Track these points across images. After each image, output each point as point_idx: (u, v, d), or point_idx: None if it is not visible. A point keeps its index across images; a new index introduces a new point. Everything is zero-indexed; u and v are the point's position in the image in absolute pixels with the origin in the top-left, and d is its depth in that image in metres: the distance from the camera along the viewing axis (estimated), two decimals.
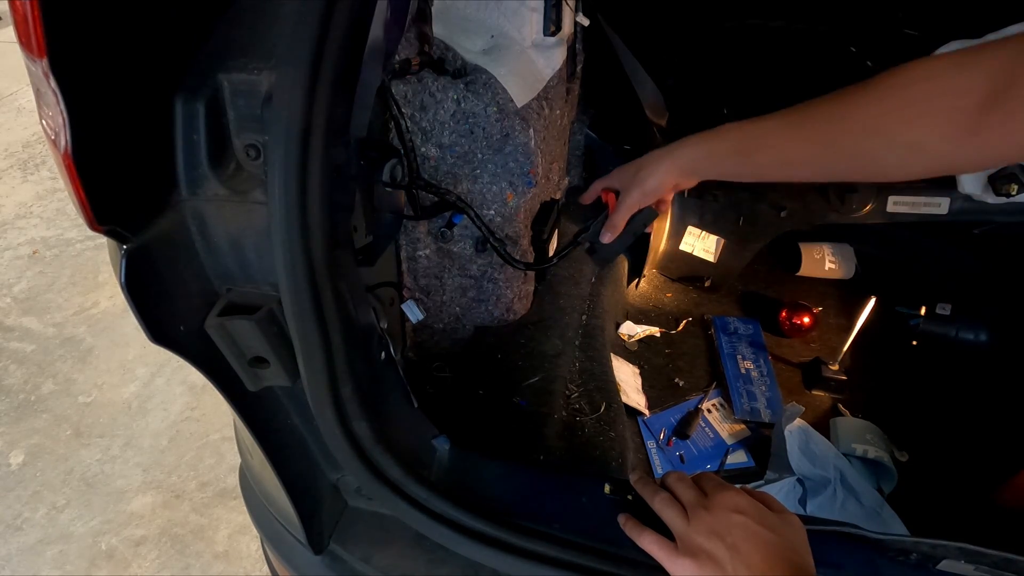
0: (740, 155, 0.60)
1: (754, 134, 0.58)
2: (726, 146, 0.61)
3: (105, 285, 2.12)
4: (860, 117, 0.49)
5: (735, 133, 0.60)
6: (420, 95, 0.88)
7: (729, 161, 0.61)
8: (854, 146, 0.51)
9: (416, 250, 0.99)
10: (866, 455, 0.99)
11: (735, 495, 0.52)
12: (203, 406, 1.74)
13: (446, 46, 0.89)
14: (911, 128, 0.46)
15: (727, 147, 0.61)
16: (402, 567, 0.61)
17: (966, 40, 1.21)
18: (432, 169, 0.94)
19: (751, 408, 1.09)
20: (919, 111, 0.46)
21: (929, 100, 0.45)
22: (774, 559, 0.47)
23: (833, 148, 0.52)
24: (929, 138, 0.46)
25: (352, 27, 0.41)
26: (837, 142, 0.52)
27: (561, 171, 1.34)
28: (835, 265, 1.33)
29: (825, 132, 0.52)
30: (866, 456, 0.99)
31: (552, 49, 1.04)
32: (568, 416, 0.98)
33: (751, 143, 0.58)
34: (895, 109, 0.47)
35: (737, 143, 0.60)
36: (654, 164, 0.68)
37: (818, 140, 0.53)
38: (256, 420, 0.54)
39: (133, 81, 0.40)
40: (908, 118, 0.46)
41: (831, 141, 0.52)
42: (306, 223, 0.42)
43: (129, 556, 1.43)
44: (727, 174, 0.63)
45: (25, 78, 2.58)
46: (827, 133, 0.52)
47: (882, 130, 0.48)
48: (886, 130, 0.48)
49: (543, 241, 1.14)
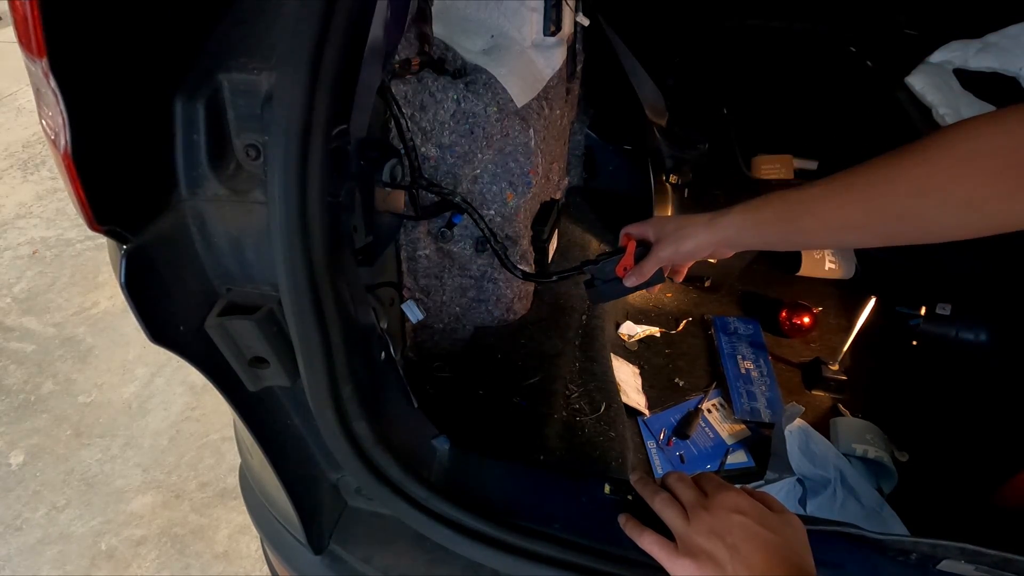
0: (784, 222, 0.58)
1: (799, 200, 0.57)
2: (769, 214, 0.59)
3: (105, 285, 2.12)
4: (909, 178, 0.48)
5: (778, 202, 0.59)
6: (420, 95, 0.88)
7: (773, 228, 0.60)
8: (904, 207, 0.49)
9: (416, 250, 0.99)
10: (866, 455, 0.99)
11: (735, 495, 0.52)
12: (203, 406, 1.74)
13: (446, 46, 0.89)
14: (962, 185, 0.45)
15: (771, 215, 0.59)
16: (402, 567, 0.61)
17: (966, 40, 1.22)
18: (432, 169, 0.94)
19: (751, 408, 1.09)
20: (971, 169, 0.45)
21: (979, 157, 0.45)
22: (774, 559, 0.47)
23: (882, 211, 0.51)
24: (983, 195, 0.45)
25: (352, 27, 0.41)
26: (886, 204, 0.50)
27: (561, 171, 1.34)
28: (835, 265, 1.33)
29: (872, 195, 0.51)
30: (866, 456, 0.99)
31: (552, 49, 1.04)
32: (568, 416, 0.98)
33: (796, 209, 0.57)
34: (946, 168, 0.46)
35: (781, 211, 0.58)
36: (696, 229, 0.66)
37: (865, 203, 0.52)
38: (256, 420, 0.54)
39: (133, 81, 0.40)
40: (959, 176, 0.46)
41: (879, 204, 0.51)
42: (306, 223, 0.42)
43: (129, 556, 1.43)
44: (772, 243, 0.61)
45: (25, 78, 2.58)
46: (875, 196, 0.51)
47: (933, 189, 0.47)
48: (938, 189, 0.47)
49: (543, 241, 1.14)
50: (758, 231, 0.61)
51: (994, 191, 0.44)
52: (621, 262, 0.74)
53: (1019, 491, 0.89)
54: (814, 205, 0.56)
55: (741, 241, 0.63)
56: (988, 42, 1.19)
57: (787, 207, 0.58)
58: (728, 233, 0.63)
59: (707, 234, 0.64)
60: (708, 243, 0.65)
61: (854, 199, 0.53)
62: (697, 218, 0.66)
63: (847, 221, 0.54)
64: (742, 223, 0.62)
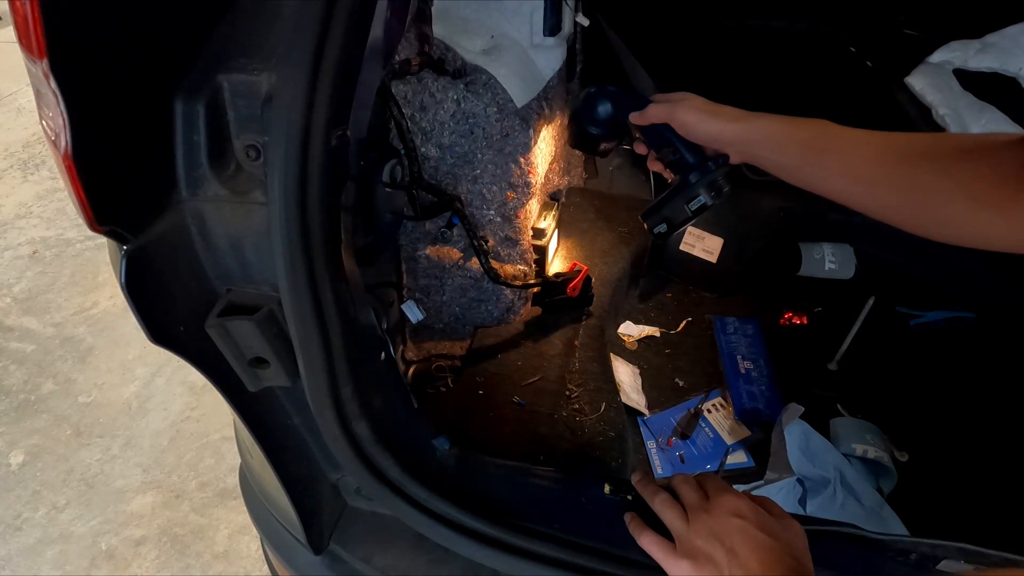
0: (812, 150, 0.56)
1: (837, 135, 0.55)
2: (804, 135, 0.56)
3: (105, 285, 2.12)
4: (954, 178, 0.47)
5: (817, 127, 0.56)
6: (420, 95, 0.88)
7: (798, 151, 0.57)
8: (934, 200, 0.48)
9: (416, 250, 0.99)
10: (866, 455, 0.99)
11: (736, 498, 0.52)
12: (203, 406, 1.74)
13: (446, 46, 0.89)
14: (1012, 203, 0.44)
15: (805, 136, 0.56)
16: (402, 567, 0.61)
17: (966, 40, 1.22)
18: (432, 169, 0.94)
19: (751, 408, 1.09)
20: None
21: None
22: (772, 563, 0.47)
23: (906, 176, 0.49)
24: None
25: (352, 27, 0.41)
26: (914, 171, 0.49)
27: (561, 171, 1.34)
28: (835, 265, 1.33)
29: (905, 159, 0.49)
30: (866, 456, 0.99)
31: (552, 49, 1.04)
32: (568, 416, 0.98)
33: (830, 142, 0.55)
34: (994, 183, 0.45)
35: (816, 136, 0.56)
36: (727, 116, 0.61)
37: (895, 161, 0.50)
38: (256, 420, 0.54)
39: (133, 82, 0.40)
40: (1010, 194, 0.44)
41: (907, 171, 0.49)
42: (306, 223, 0.42)
43: (129, 556, 1.43)
44: (787, 166, 0.58)
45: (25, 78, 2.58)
46: (907, 162, 0.49)
47: (971, 198, 0.46)
48: (976, 198, 0.45)
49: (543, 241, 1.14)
50: (783, 147, 0.58)
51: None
52: None
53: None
54: (847, 144, 0.54)
55: (761, 150, 0.60)
56: (988, 42, 1.19)
57: (823, 136, 0.55)
58: (755, 134, 0.59)
59: (735, 124, 0.61)
60: (731, 134, 0.61)
61: (881, 156, 0.51)
62: (729, 108, 0.63)
63: (869, 174, 0.52)
64: (774, 130, 0.59)
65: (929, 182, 0.48)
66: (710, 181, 0.65)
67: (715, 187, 0.66)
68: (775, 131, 0.58)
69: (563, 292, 1.10)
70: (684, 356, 1.22)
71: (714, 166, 0.65)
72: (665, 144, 0.66)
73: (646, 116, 0.66)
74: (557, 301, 1.11)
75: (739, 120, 0.60)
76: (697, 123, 0.62)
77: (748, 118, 0.60)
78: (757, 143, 0.59)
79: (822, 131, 0.56)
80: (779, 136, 0.58)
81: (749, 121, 0.60)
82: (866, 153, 0.52)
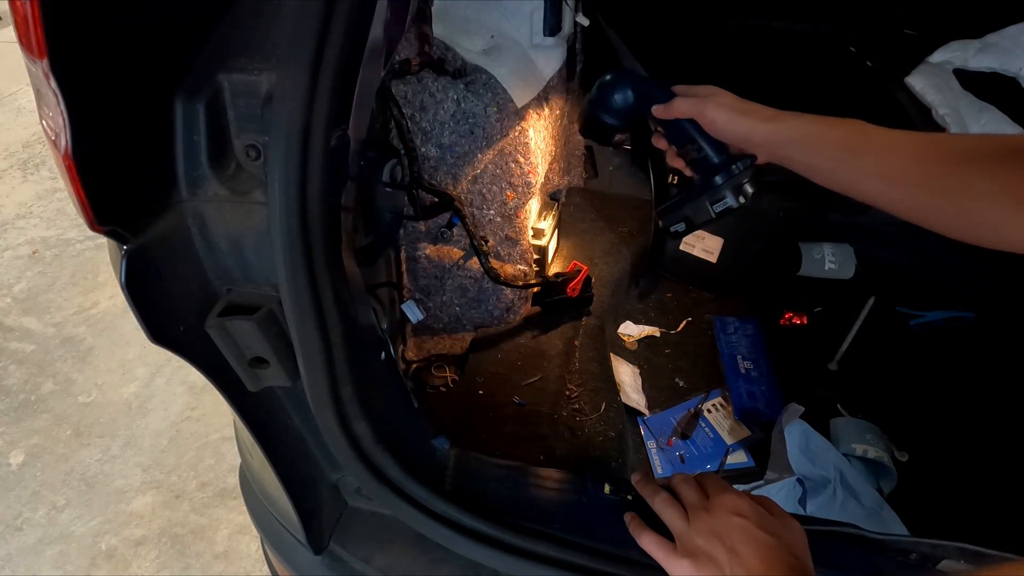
0: (847, 151, 0.53)
1: (874, 135, 0.53)
2: (839, 135, 0.54)
3: (105, 285, 2.12)
4: (998, 181, 0.45)
5: (854, 127, 0.54)
6: (420, 95, 0.88)
7: (832, 152, 0.54)
8: (975, 205, 0.46)
9: (416, 250, 0.99)
10: (866, 455, 0.99)
11: (736, 498, 0.52)
12: (203, 406, 1.74)
13: (446, 46, 0.89)
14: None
15: (840, 136, 0.54)
16: (402, 567, 0.61)
17: (966, 40, 1.22)
18: (432, 169, 0.94)
19: (751, 408, 1.09)
20: None
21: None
22: (773, 562, 0.47)
23: (948, 178, 0.47)
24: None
25: (352, 27, 0.41)
26: (957, 172, 0.47)
27: (561, 171, 1.34)
28: (835, 265, 1.33)
29: (947, 160, 0.47)
30: (866, 456, 0.99)
31: (552, 49, 1.04)
32: (568, 416, 0.98)
33: (866, 142, 0.53)
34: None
35: (853, 136, 0.54)
36: (757, 116, 0.59)
37: (935, 162, 0.48)
38: (256, 420, 0.54)
39: (133, 81, 0.40)
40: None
41: (949, 172, 0.47)
42: (306, 223, 0.42)
43: (129, 556, 1.43)
44: (820, 168, 0.56)
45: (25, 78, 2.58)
46: (949, 163, 0.47)
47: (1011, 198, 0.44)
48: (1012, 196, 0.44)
49: (543, 241, 1.14)
50: (817, 148, 0.56)
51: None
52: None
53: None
54: (886, 144, 0.52)
55: (793, 151, 0.57)
56: (988, 42, 1.18)
57: (860, 137, 0.53)
58: (787, 135, 0.57)
59: (767, 124, 0.58)
60: (763, 134, 0.58)
61: (924, 155, 0.49)
62: (760, 106, 0.60)
63: (909, 175, 0.50)
64: (807, 131, 0.56)
65: (973, 184, 0.46)
66: (737, 183, 0.62)
67: (741, 189, 0.63)
68: (809, 132, 0.56)
69: (563, 292, 1.10)
70: (684, 356, 1.22)
71: (741, 167, 0.62)
72: (688, 141, 0.63)
73: (671, 110, 0.63)
74: (557, 301, 1.11)
75: (771, 120, 0.58)
76: (727, 121, 0.60)
77: (780, 118, 0.58)
78: (789, 144, 0.57)
79: (858, 131, 0.54)
80: (813, 137, 0.56)
81: (781, 121, 0.58)
82: (905, 154, 0.50)
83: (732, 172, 0.62)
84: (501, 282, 1.01)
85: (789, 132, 0.57)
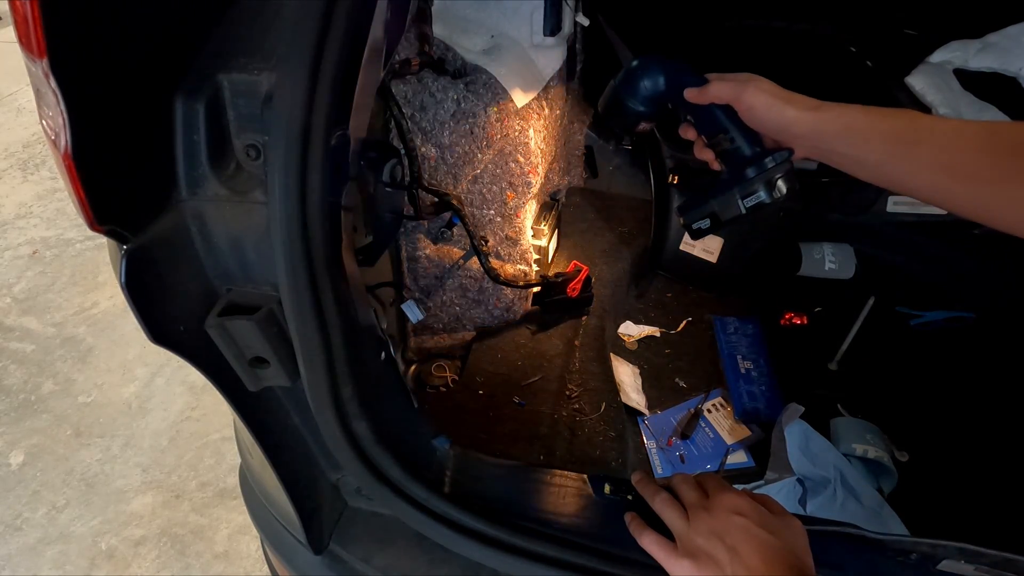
0: (900, 143, 0.50)
1: (929, 125, 0.50)
2: (889, 126, 0.51)
3: (105, 285, 2.12)
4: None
5: (904, 118, 0.51)
6: (420, 95, 0.88)
7: (882, 145, 0.51)
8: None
9: (416, 250, 0.99)
10: (866, 455, 0.98)
11: (736, 497, 0.52)
12: (203, 406, 1.74)
13: (446, 46, 0.89)
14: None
15: (889, 128, 0.51)
16: (402, 567, 0.61)
17: (966, 40, 1.22)
18: (432, 169, 0.94)
19: (751, 408, 1.09)
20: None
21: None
22: (773, 561, 0.47)
23: (1014, 169, 0.44)
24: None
25: (352, 27, 0.41)
26: None
27: (561, 171, 1.34)
28: (835, 265, 1.33)
29: (1010, 152, 0.45)
30: (866, 456, 0.99)
31: (552, 49, 1.04)
32: (568, 416, 0.98)
33: (921, 133, 0.49)
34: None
35: (905, 127, 0.50)
36: (799, 105, 0.55)
37: (1006, 153, 0.45)
38: (256, 420, 0.54)
39: (133, 81, 0.40)
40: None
41: (1013, 163, 0.44)
42: (306, 223, 0.42)
43: (129, 556, 1.43)
44: (868, 162, 0.52)
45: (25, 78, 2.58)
46: (1012, 155, 0.44)
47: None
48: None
49: (543, 241, 1.14)
50: (864, 139, 0.52)
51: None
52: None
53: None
54: (942, 134, 0.48)
55: (837, 143, 0.54)
56: (988, 42, 1.18)
57: (913, 127, 0.50)
58: (832, 126, 0.54)
59: (810, 114, 0.55)
60: (805, 124, 0.55)
61: (987, 146, 0.46)
62: (803, 96, 0.56)
63: (969, 167, 0.47)
64: (853, 121, 0.53)
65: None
66: (770, 177, 0.58)
67: (775, 184, 0.59)
68: (855, 122, 0.53)
69: (563, 292, 1.10)
70: (684, 356, 1.22)
71: (776, 160, 0.58)
72: (721, 130, 0.60)
73: (707, 94, 0.60)
74: (557, 301, 1.11)
75: (815, 109, 0.54)
76: (767, 108, 0.56)
77: (824, 107, 0.54)
78: (833, 136, 0.54)
79: (911, 121, 0.51)
80: (861, 128, 0.52)
81: (826, 111, 0.54)
82: (965, 145, 0.47)
83: (765, 165, 0.58)
84: (501, 282, 1.01)
85: (834, 123, 0.53)
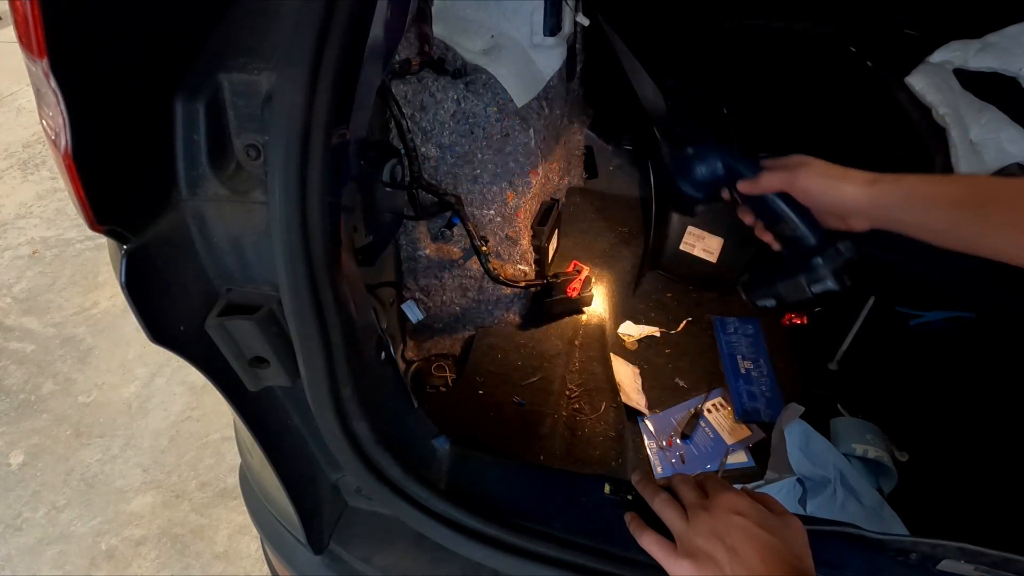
0: (967, 207, 0.49)
1: (994, 186, 0.48)
2: (952, 191, 0.50)
3: (105, 285, 2.11)
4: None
5: (964, 182, 0.50)
6: (420, 95, 0.88)
7: (947, 212, 0.49)
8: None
9: (416, 250, 0.99)
10: (866, 455, 0.99)
11: (735, 496, 0.52)
12: (203, 406, 1.74)
13: (446, 46, 0.89)
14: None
15: (953, 192, 0.50)
16: (402, 567, 0.61)
17: (966, 40, 1.22)
18: (432, 169, 0.94)
19: (751, 408, 1.09)
20: None
21: None
22: (773, 561, 0.47)
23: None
24: None
25: (352, 27, 0.41)
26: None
27: (561, 171, 1.34)
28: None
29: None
30: (866, 456, 0.99)
31: (552, 49, 1.04)
32: (568, 416, 0.98)
33: (986, 194, 0.48)
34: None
35: (968, 191, 0.49)
36: (853, 181, 0.55)
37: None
38: (256, 420, 0.54)
39: (133, 81, 0.40)
40: None
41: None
42: (306, 223, 0.42)
43: (129, 556, 1.43)
44: (933, 230, 0.51)
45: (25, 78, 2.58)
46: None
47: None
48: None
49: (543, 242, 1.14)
50: (928, 207, 0.51)
51: None
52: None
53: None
54: (1015, 196, 0.47)
55: (900, 213, 0.53)
56: (988, 42, 1.18)
57: (979, 190, 0.49)
58: (892, 198, 0.53)
59: (867, 189, 0.54)
60: (864, 199, 0.54)
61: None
62: (855, 171, 0.56)
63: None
64: (913, 190, 0.52)
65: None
66: (837, 267, 0.60)
67: (841, 274, 0.60)
68: (915, 191, 0.52)
69: (563, 292, 1.10)
70: (684, 356, 1.22)
71: (842, 251, 0.60)
72: (780, 218, 0.61)
73: (759, 186, 0.60)
74: (557, 301, 1.11)
75: (871, 183, 0.54)
76: (823, 191, 0.57)
77: (881, 180, 0.54)
78: (895, 207, 0.54)
79: (974, 184, 0.50)
80: (923, 196, 0.52)
81: (883, 184, 0.54)
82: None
83: (832, 258, 0.60)
84: (501, 282, 1.01)
85: (893, 194, 0.54)
